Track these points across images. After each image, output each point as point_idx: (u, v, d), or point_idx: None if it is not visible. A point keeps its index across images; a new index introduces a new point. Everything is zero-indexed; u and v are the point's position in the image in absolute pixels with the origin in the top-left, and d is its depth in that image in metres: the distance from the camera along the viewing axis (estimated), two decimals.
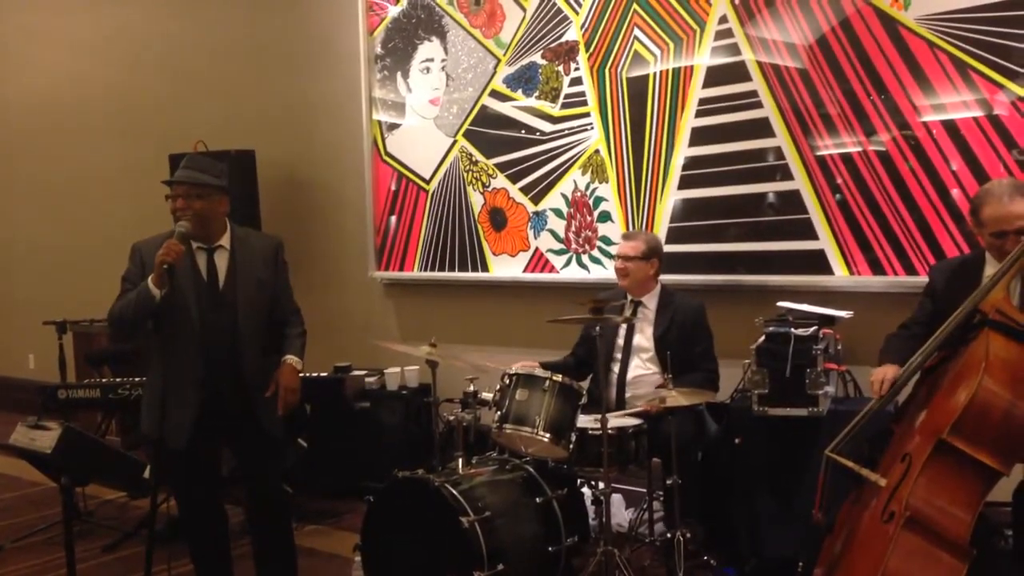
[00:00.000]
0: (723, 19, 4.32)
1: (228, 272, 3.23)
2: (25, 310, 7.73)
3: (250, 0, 6.34)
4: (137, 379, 4.66)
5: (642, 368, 3.90)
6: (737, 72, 4.29)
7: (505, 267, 5.15)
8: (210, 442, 3.29)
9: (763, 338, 3.59)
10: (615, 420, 3.50)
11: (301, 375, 3.32)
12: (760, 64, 4.22)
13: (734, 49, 4.29)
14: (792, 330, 3.52)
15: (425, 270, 5.48)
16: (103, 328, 6.21)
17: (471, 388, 3.80)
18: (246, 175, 5.76)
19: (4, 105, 8.08)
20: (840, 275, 4.06)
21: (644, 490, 3.78)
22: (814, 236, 4.12)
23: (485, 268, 5.22)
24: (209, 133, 6.01)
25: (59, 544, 4.23)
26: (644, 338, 3.92)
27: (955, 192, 3.77)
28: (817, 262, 4.11)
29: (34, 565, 4.31)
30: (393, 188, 5.58)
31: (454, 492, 3.21)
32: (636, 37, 4.60)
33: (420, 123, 5.47)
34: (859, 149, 3.99)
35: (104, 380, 4.92)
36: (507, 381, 3.50)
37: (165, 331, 3.13)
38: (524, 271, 5.07)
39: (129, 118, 7.08)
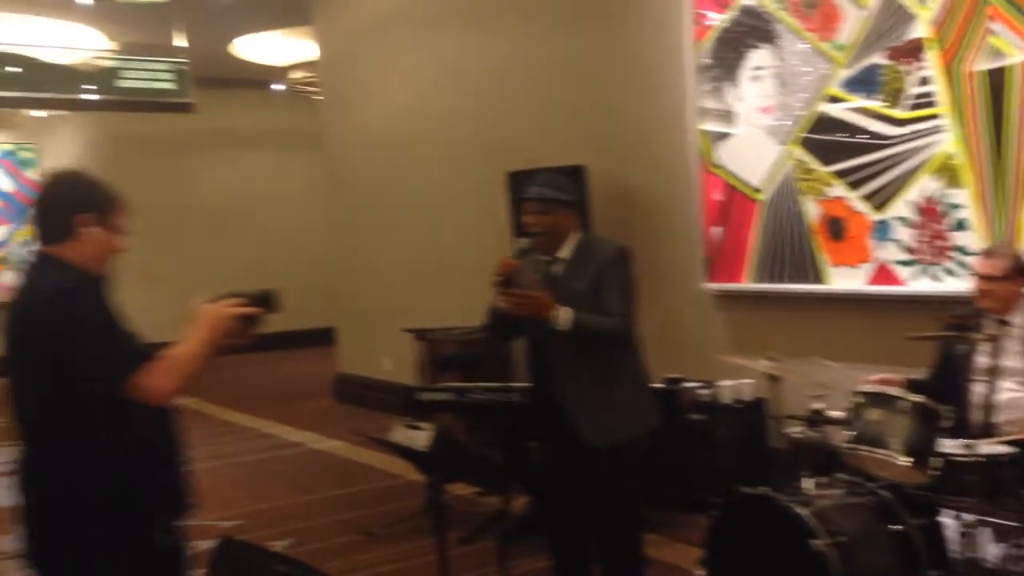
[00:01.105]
0: None
1: (556, 283, 3.32)
2: (379, 317, 8.52)
3: (576, 21, 6.57)
4: (484, 384, 4.99)
5: (1016, 391, 3.59)
6: None
7: (845, 279, 4.95)
8: (554, 448, 3.38)
9: None
10: (986, 447, 3.25)
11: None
12: None
13: None
14: None
15: (756, 281, 5.40)
16: (453, 335, 6.71)
17: (817, 405, 3.69)
18: (578, 190, 5.97)
19: (365, 134, 8.93)
20: None
21: (1018, 524, 3.48)
22: None
23: (822, 280, 5.06)
24: (544, 151, 6.31)
25: (422, 533, 4.67)
26: (1012, 358, 3.61)
27: None
28: None
29: (402, 551, 4.74)
30: (721, 198, 5.56)
31: (805, 512, 3.14)
32: (992, 30, 4.27)
33: (750, 132, 5.40)
34: None
35: (458, 384, 5.28)
36: (859, 399, 3.37)
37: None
38: (866, 283, 4.84)
39: (471, 140, 7.58)
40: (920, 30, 4.56)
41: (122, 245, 2.46)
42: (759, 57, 5.35)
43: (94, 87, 9.31)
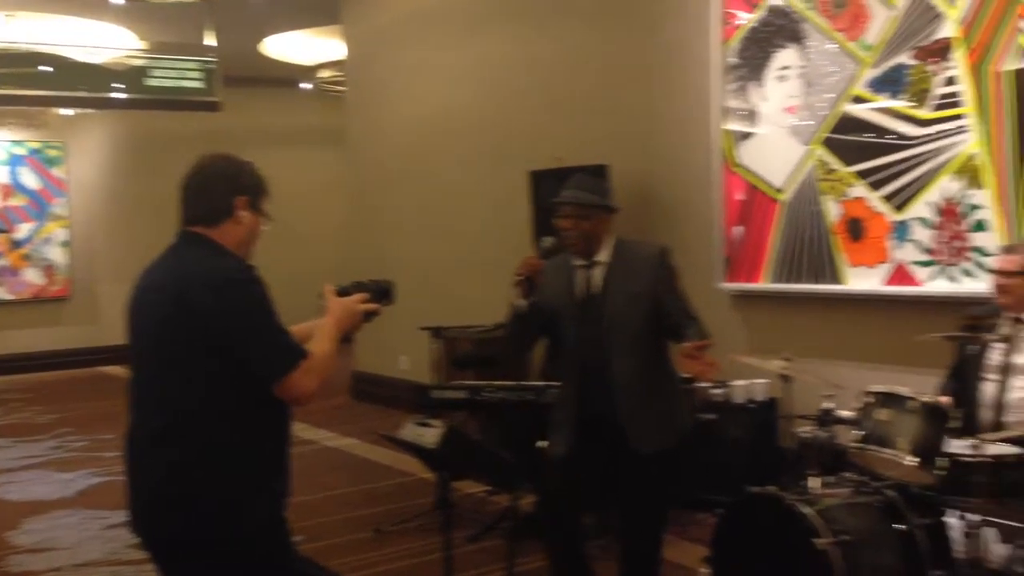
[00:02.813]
0: None
1: (601, 287, 3.28)
2: (398, 316, 8.51)
3: (602, 18, 6.55)
4: (499, 383, 4.97)
5: None
6: None
7: (863, 279, 4.88)
8: (588, 459, 3.29)
9: None
10: (994, 447, 3.19)
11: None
12: None
13: None
14: None
15: (775, 281, 5.34)
16: (470, 334, 6.70)
17: (828, 405, 3.63)
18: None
19: (389, 133, 8.98)
20: None
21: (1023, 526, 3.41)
22: None
23: (839, 280, 4.99)
24: (566, 149, 6.29)
25: (431, 531, 4.65)
26: None
27: None
28: None
29: (410, 548, 4.73)
30: (742, 198, 5.50)
31: (811, 511, 3.09)
32: (1021, 29, 4.19)
33: (774, 132, 5.34)
34: None
35: (470, 383, 5.27)
36: (869, 399, 3.32)
37: (552, 346, 3.33)
38: (884, 284, 4.77)
39: (492, 139, 7.59)
40: (948, 30, 4.49)
41: (263, 231, 2.42)
42: (786, 57, 5.29)
43: (123, 86, 9.43)
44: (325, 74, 11.53)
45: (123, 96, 9.52)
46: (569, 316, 3.27)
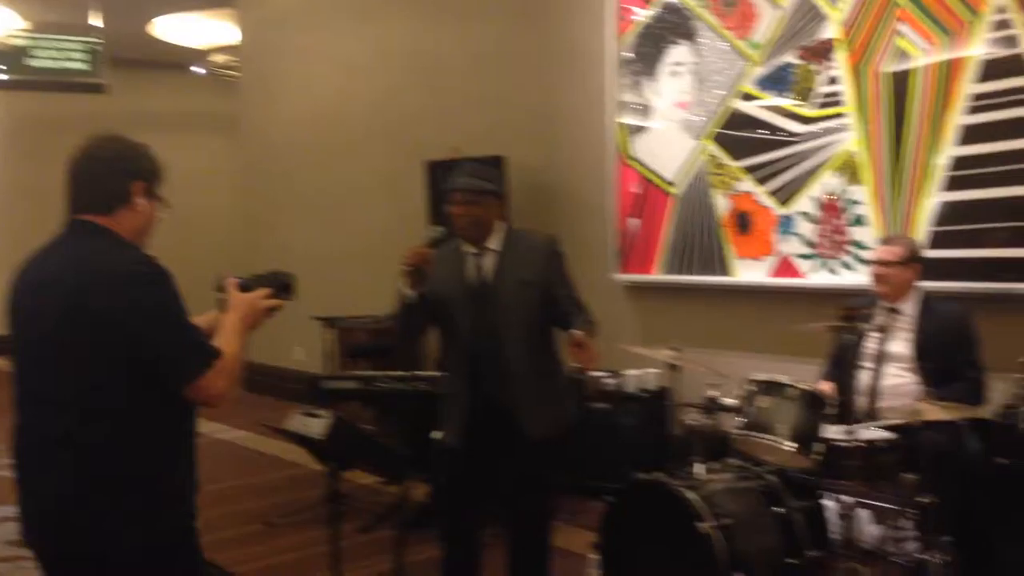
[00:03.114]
0: (1001, 8, 4.01)
1: (493, 274, 3.27)
2: (291, 306, 8.37)
3: (499, 10, 6.57)
4: (393, 373, 4.94)
5: (898, 377, 3.68)
6: (1015, 65, 3.96)
7: (749, 271, 5.02)
8: (481, 448, 3.27)
9: None
10: (866, 432, 3.32)
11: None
12: None
13: (1011, 41, 3.97)
14: None
15: (667, 273, 5.45)
16: (364, 324, 6.64)
17: (713, 393, 3.73)
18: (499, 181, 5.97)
19: (283, 121, 8.81)
20: None
21: (894, 506, 3.56)
22: None
23: (728, 272, 5.12)
24: (463, 140, 6.28)
25: (322, 523, 4.58)
26: (900, 345, 3.70)
27: None
28: None
29: (300, 541, 4.66)
30: (636, 191, 5.59)
31: (694, 496, 3.17)
32: (899, 31, 4.36)
33: (666, 126, 5.45)
34: None
35: (363, 373, 5.23)
36: (751, 387, 3.42)
37: (443, 335, 3.30)
38: (769, 276, 4.92)
39: (388, 128, 7.53)
40: (831, 31, 4.64)
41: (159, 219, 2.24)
42: (679, 53, 5.40)
43: (4, 67, 9.06)
44: (218, 58, 11.24)
45: (4, 77, 9.14)
46: (460, 304, 3.26)
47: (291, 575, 4.22)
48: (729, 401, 3.64)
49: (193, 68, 12.14)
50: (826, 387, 3.64)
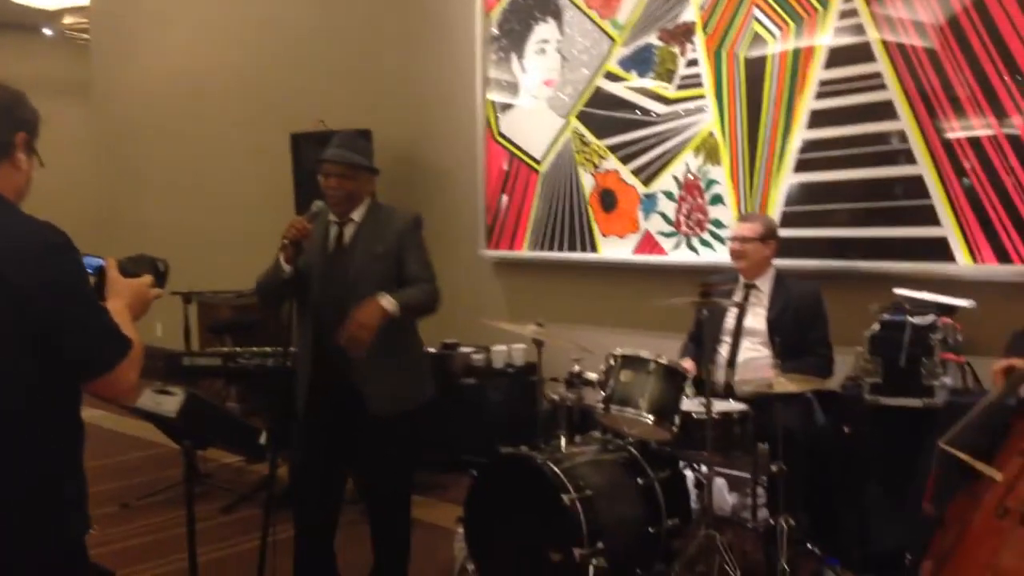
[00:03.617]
0: None
1: (348, 245, 3.24)
2: None
3: None
4: (256, 349, 4.84)
5: (754, 351, 3.84)
6: (861, 52, 4.16)
7: (614, 248, 5.13)
8: (328, 421, 3.24)
9: (877, 326, 3.49)
10: (721, 404, 3.46)
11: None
12: (886, 44, 4.08)
13: (858, 29, 4.17)
14: (908, 318, 3.41)
15: (534, 250, 5.51)
16: (226, 299, 6.47)
17: (576, 368, 3.81)
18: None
19: (140, 88, 8.46)
20: (963, 263, 3.90)
21: (748, 475, 3.73)
22: (936, 222, 3.97)
23: (594, 249, 5.22)
24: (329, 113, 6.17)
25: (181, 504, 4.45)
26: (757, 321, 3.86)
27: None
28: (938, 249, 3.96)
29: (157, 523, 4.54)
30: (505, 168, 5.62)
31: (556, 470, 3.23)
32: (755, 17, 4.51)
33: (533, 104, 5.49)
34: (989, 133, 3.82)
35: (225, 349, 5.12)
36: (612, 362, 3.50)
37: (299, 306, 3.23)
38: (633, 253, 5.05)
39: (252, 99, 7.33)
40: (691, 14, 4.76)
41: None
42: (545, 31, 5.43)
43: None
44: (69, 20, 10.66)
45: None
46: (318, 273, 3.22)
47: (148, 557, 4.10)
48: (592, 376, 3.73)
49: (44, 30, 11.50)
50: (687, 364, 3.76)
